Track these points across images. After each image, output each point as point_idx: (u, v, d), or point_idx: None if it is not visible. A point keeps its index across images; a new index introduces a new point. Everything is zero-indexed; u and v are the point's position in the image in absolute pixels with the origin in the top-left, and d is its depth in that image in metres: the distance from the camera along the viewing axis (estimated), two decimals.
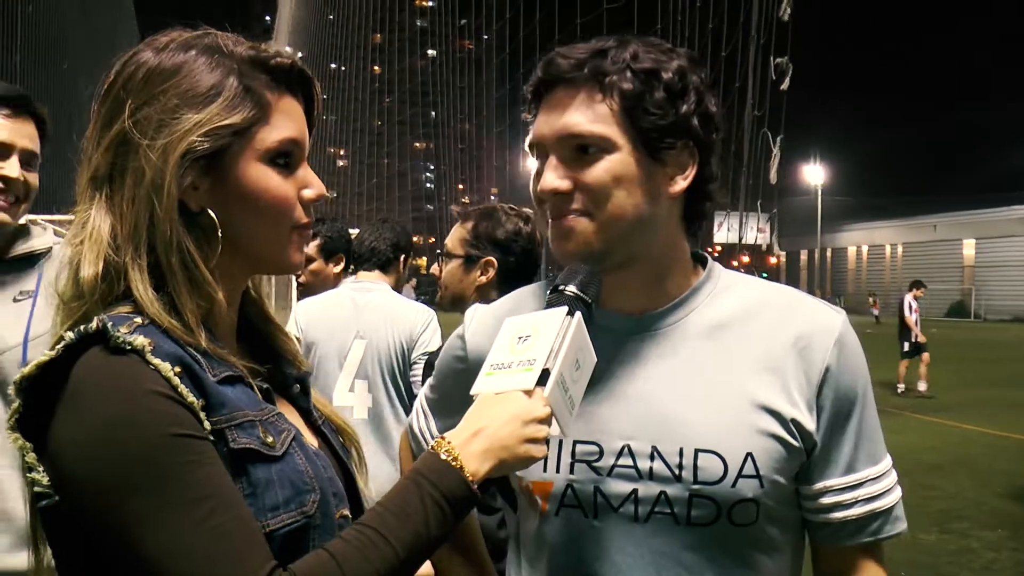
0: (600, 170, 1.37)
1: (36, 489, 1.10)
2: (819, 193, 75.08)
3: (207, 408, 1.13)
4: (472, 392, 1.28)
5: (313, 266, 4.39)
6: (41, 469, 1.10)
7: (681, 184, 1.42)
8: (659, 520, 1.40)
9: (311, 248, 4.37)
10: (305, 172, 1.30)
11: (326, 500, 1.21)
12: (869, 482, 1.45)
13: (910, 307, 16.89)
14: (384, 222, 4.12)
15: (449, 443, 1.20)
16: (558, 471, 1.46)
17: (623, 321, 1.49)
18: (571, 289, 1.34)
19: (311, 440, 1.34)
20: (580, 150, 1.38)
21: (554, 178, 1.38)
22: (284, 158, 1.26)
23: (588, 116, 1.37)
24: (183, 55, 1.23)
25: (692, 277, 1.51)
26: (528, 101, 1.48)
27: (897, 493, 1.48)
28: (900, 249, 78.28)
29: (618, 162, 1.37)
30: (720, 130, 1.46)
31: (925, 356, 16.53)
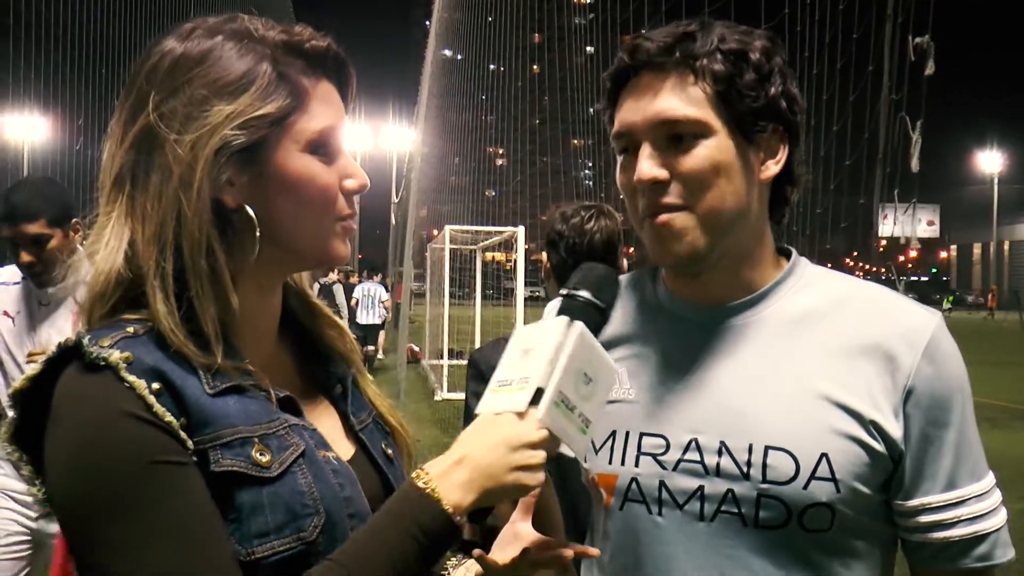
0: (698, 157, 1.31)
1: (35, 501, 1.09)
2: (995, 182, 71.30)
3: (189, 427, 1.06)
4: (476, 411, 1.19)
5: None
6: (39, 482, 1.09)
7: (773, 169, 1.38)
8: (725, 520, 1.33)
9: None
10: (346, 161, 1.23)
11: (334, 523, 1.13)
12: (973, 499, 1.33)
13: None
14: None
15: (428, 473, 1.12)
16: (623, 464, 1.41)
17: (699, 312, 1.43)
18: (583, 295, 1.29)
19: (345, 447, 1.27)
20: (675, 137, 1.32)
21: (651, 167, 1.32)
22: (324, 148, 1.19)
23: (683, 100, 1.32)
24: (209, 41, 1.15)
25: (775, 269, 1.45)
26: (608, 90, 1.41)
27: (1004, 514, 1.36)
28: None
29: (715, 148, 1.32)
30: (802, 113, 1.40)
31: None
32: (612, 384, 1.25)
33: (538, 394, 1.15)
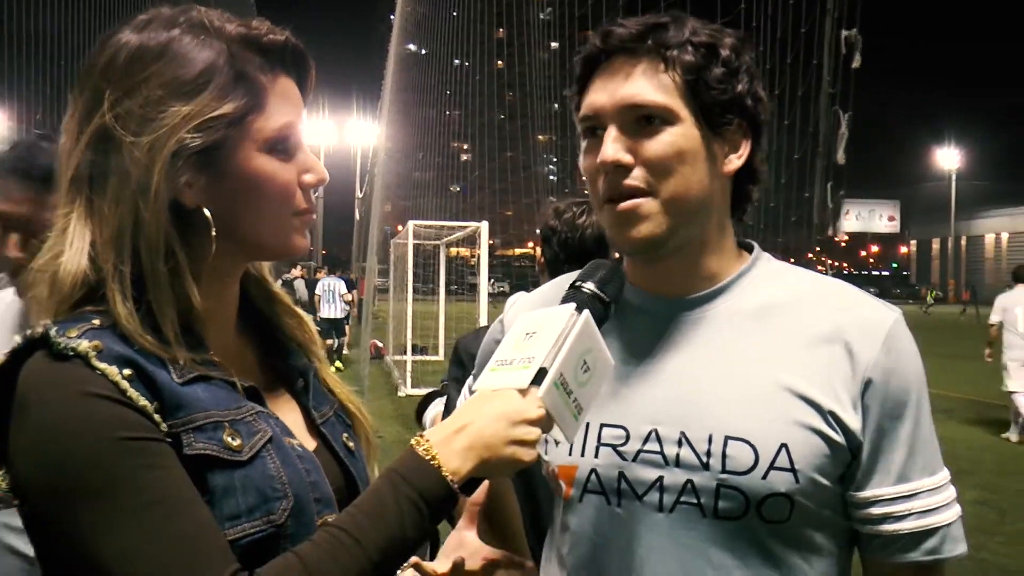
0: (664, 143, 1.33)
1: None
2: (953, 178, 72.29)
3: (162, 411, 1.07)
4: (473, 388, 1.23)
5: None
6: (2, 472, 1.07)
7: (736, 163, 1.40)
8: (685, 511, 1.33)
9: None
10: (305, 156, 1.22)
11: (302, 507, 1.15)
12: (925, 493, 1.34)
13: None
14: None
15: (428, 441, 1.14)
16: (583, 455, 1.41)
17: (663, 303, 1.44)
18: (589, 287, 1.30)
19: (307, 440, 1.27)
20: (642, 121, 1.34)
21: (616, 149, 1.33)
22: (283, 144, 1.19)
23: (653, 85, 1.33)
24: (166, 34, 1.14)
25: (738, 262, 1.46)
26: (578, 74, 1.41)
27: (956, 510, 1.37)
28: None
29: (681, 135, 1.33)
30: (767, 112, 1.42)
31: None
32: (606, 377, 1.26)
33: (540, 375, 1.17)
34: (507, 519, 1.78)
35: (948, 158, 73.42)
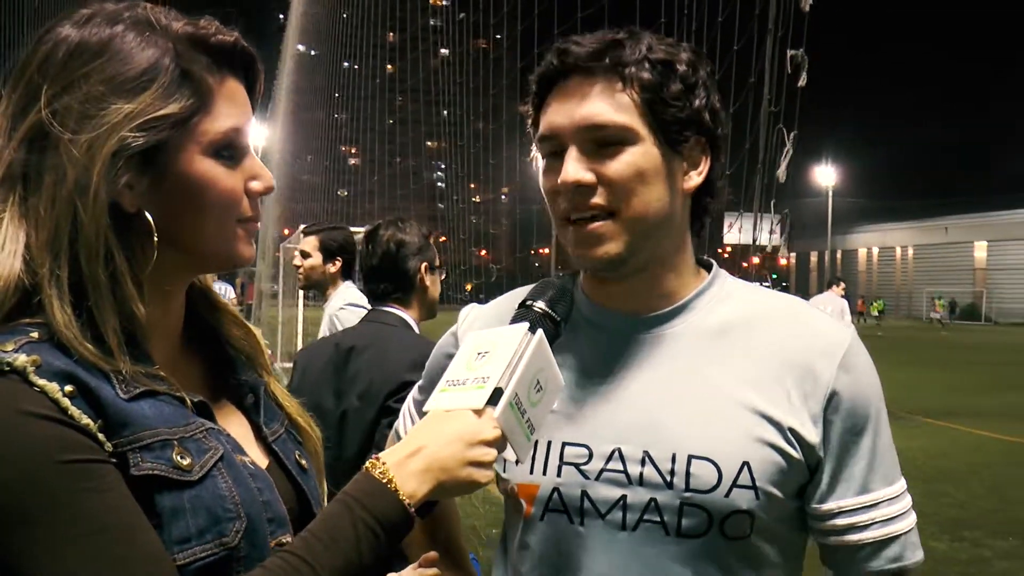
0: (624, 163, 1.33)
1: None
2: (830, 194, 74.82)
3: (106, 429, 1.02)
4: (424, 409, 1.23)
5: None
6: None
7: (696, 180, 1.40)
8: (648, 529, 1.34)
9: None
10: (252, 162, 1.19)
11: (255, 528, 1.10)
12: (885, 503, 1.38)
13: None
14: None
15: (384, 463, 1.12)
16: (544, 473, 1.40)
17: (622, 321, 1.44)
18: (539, 306, 1.32)
19: (259, 457, 1.23)
20: (601, 141, 1.34)
21: (578, 169, 1.33)
22: (229, 149, 1.14)
23: (611, 105, 1.33)
24: (109, 30, 1.08)
25: (696, 280, 1.46)
26: (534, 92, 1.42)
27: (913, 518, 1.42)
28: (911, 251, 78.28)
29: (641, 154, 1.33)
30: (725, 127, 1.43)
31: None
32: (557, 396, 1.27)
33: (495, 395, 1.17)
34: (451, 536, 1.77)
35: (826, 176, 75.99)
